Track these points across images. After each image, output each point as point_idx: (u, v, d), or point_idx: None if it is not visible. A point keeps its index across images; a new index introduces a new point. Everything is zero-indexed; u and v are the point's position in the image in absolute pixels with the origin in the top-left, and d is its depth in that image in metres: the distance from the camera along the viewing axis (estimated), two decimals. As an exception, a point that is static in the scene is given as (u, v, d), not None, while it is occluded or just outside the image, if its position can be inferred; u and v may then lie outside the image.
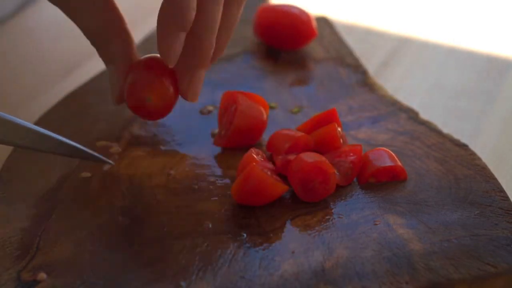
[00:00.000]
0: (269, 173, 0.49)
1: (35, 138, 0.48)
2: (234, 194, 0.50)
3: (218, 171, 0.54)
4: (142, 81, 0.49)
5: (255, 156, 0.50)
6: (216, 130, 0.57)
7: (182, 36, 0.48)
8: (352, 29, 0.82)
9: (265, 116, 0.56)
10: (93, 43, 0.51)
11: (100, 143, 0.56)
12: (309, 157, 0.50)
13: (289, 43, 0.68)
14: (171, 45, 0.48)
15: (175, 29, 0.48)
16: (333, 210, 0.50)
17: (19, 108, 0.67)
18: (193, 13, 0.47)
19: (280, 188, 0.49)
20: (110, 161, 0.51)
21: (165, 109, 0.49)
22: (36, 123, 0.58)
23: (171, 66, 0.49)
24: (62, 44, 0.79)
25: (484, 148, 0.62)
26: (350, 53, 0.69)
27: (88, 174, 0.53)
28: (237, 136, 0.55)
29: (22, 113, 0.67)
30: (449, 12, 0.88)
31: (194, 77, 0.50)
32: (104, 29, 0.50)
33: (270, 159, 0.53)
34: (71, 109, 0.61)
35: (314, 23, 0.67)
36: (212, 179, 0.53)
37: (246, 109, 0.55)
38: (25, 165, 0.54)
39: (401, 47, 0.79)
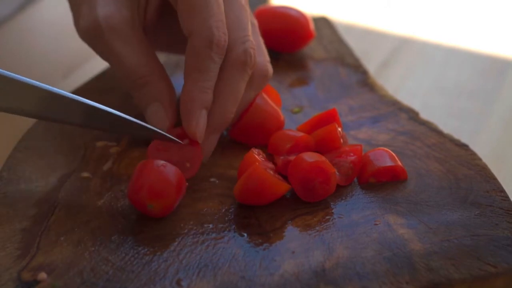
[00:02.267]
0: (271, 172, 0.49)
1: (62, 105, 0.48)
2: (236, 194, 0.50)
3: (218, 171, 0.54)
4: (145, 188, 0.48)
5: (256, 156, 0.50)
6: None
7: (206, 113, 0.51)
8: (352, 29, 0.82)
9: (281, 115, 0.56)
10: (133, 85, 0.52)
11: (100, 143, 0.56)
12: (310, 157, 0.50)
13: (286, 46, 0.68)
14: (196, 123, 0.50)
15: (199, 107, 0.50)
16: (333, 210, 0.50)
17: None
18: (212, 94, 0.50)
19: (282, 187, 0.49)
20: (178, 141, 0.52)
21: (167, 211, 0.49)
22: (36, 123, 0.59)
23: (200, 141, 0.51)
24: (62, 44, 0.79)
25: (484, 148, 0.62)
26: (350, 53, 0.69)
27: (88, 174, 0.53)
28: (251, 130, 0.55)
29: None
30: (449, 12, 0.88)
31: (209, 140, 0.52)
32: (148, 70, 0.51)
33: (270, 159, 0.53)
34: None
35: (312, 25, 0.67)
36: (212, 179, 0.53)
37: (263, 105, 0.55)
38: (25, 165, 0.54)
39: (401, 47, 0.80)
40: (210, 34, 0.49)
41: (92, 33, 0.50)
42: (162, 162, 0.49)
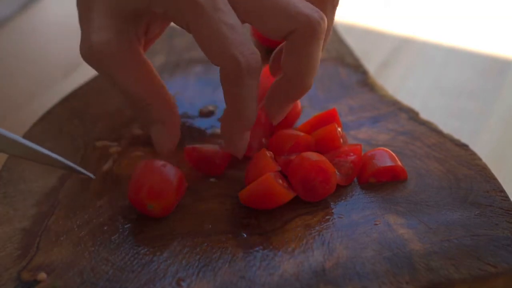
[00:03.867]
0: (280, 181, 0.49)
1: (18, 148, 0.48)
2: (242, 197, 0.50)
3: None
4: (145, 188, 0.48)
5: (271, 161, 0.50)
6: (216, 130, 0.57)
7: (248, 134, 0.51)
8: (352, 29, 0.82)
9: (298, 104, 0.57)
10: (135, 108, 0.51)
11: (100, 143, 0.56)
12: (310, 157, 0.50)
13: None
14: (238, 144, 0.51)
15: (241, 130, 0.50)
16: (333, 210, 0.50)
17: (19, 108, 0.67)
18: (255, 115, 0.49)
19: (288, 196, 0.49)
20: (91, 175, 0.50)
21: (168, 210, 0.49)
22: (36, 123, 0.59)
23: (240, 158, 0.52)
24: (62, 44, 0.79)
25: (484, 148, 0.62)
26: (350, 53, 0.69)
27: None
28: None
29: (23, 113, 0.67)
30: (449, 12, 0.88)
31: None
32: (147, 94, 0.50)
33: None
34: (71, 109, 0.61)
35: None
36: (212, 179, 0.53)
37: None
38: (25, 165, 0.54)
39: (401, 47, 0.79)
40: (234, 62, 0.46)
41: (89, 59, 0.49)
42: (162, 162, 0.49)
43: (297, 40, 0.49)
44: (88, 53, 0.49)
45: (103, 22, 0.49)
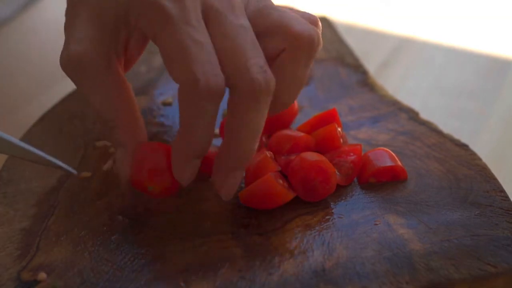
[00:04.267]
0: (281, 181, 0.49)
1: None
2: (242, 196, 0.50)
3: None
4: (145, 170, 0.48)
5: (271, 161, 0.50)
6: (216, 130, 0.57)
7: (197, 162, 0.47)
8: (352, 29, 0.82)
9: (295, 104, 0.56)
10: (103, 125, 0.49)
11: (100, 143, 0.56)
12: (310, 157, 0.50)
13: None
14: (184, 171, 0.47)
15: (189, 156, 0.46)
16: (333, 210, 0.49)
17: (19, 108, 0.67)
18: (208, 143, 0.46)
19: (288, 196, 0.49)
20: (72, 170, 0.49)
21: (169, 191, 0.49)
22: (36, 123, 0.59)
23: (185, 185, 0.48)
24: (62, 44, 0.79)
25: (484, 148, 0.62)
26: (350, 53, 0.69)
27: (88, 174, 0.53)
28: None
29: (22, 113, 0.67)
30: (449, 12, 0.88)
31: (230, 179, 0.47)
32: (115, 115, 0.48)
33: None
34: (71, 109, 0.61)
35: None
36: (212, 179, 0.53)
37: None
38: (25, 165, 0.54)
39: (401, 47, 0.80)
40: (194, 81, 0.43)
41: (65, 68, 0.47)
42: (159, 143, 0.49)
43: (235, 102, 0.46)
44: (66, 61, 0.47)
45: (83, 33, 0.47)
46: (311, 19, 0.49)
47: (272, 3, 0.49)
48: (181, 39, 0.44)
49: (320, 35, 0.48)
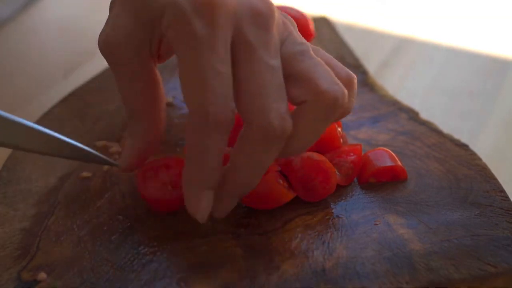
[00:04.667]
0: (281, 181, 0.49)
1: (37, 139, 0.47)
2: (243, 198, 0.49)
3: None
4: (151, 190, 0.49)
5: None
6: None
7: (210, 193, 0.45)
8: (352, 29, 0.82)
9: None
10: (128, 112, 0.49)
11: (100, 143, 0.56)
12: (310, 157, 0.50)
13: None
14: (198, 204, 0.45)
15: (201, 188, 0.45)
16: (333, 210, 0.49)
17: (19, 108, 0.67)
18: (217, 174, 0.45)
19: (288, 196, 0.49)
20: (116, 163, 0.49)
21: (176, 207, 0.50)
22: (36, 123, 0.58)
23: (202, 222, 0.46)
24: (62, 44, 0.79)
25: (484, 148, 0.62)
26: (350, 53, 0.69)
27: (88, 174, 0.53)
28: None
29: (22, 113, 0.67)
30: (449, 12, 0.88)
31: (223, 203, 0.47)
32: (136, 106, 0.48)
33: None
34: (71, 109, 0.61)
35: (312, 25, 0.67)
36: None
37: None
38: (25, 165, 0.54)
39: (401, 47, 0.79)
40: (203, 111, 0.43)
41: (101, 49, 0.48)
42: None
43: (244, 139, 0.45)
44: (101, 43, 0.47)
45: (121, 21, 0.47)
46: (346, 77, 0.48)
47: (308, 50, 0.47)
48: (203, 66, 0.43)
49: (346, 96, 0.46)
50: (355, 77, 0.48)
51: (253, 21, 0.44)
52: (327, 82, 0.45)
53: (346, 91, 0.45)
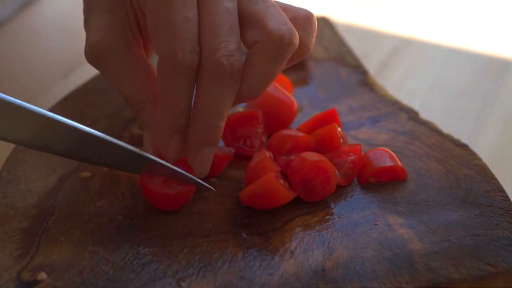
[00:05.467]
0: (281, 181, 0.49)
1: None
2: (243, 196, 0.50)
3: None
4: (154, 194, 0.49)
5: (271, 162, 0.50)
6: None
7: (177, 137, 0.49)
8: (352, 29, 0.82)
9: (294, 102, 0.57)
10: (131, 109, 0.51)
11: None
12: (310, 157, 0.50)
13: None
14: (167, 146, 0.49)
15: (169, 130, 0.49)
16: (333, 210, 0.50)
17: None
18: (186, 118, 0.48)
19: (289, 196, 0.49)
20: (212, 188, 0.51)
21: (177, 204, 0.50)
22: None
23: (172, 163, 0.49)
24: (62, 44, 0.79)
25: (484, 148, 0.62)
26: (350, 53, 0.69)
27: (88, 174, 0.53)
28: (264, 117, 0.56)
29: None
30: (449, 12, 0.88)
31: (199, 154, 0.50)
32: (141, 96, 0.50)
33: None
34: (71, 109, 0.61)
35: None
36: (212, 179, 0.53)
37: (275, 92, 0.56)
38: (25, 165, 0.54)
39: (401, 47, 0.79)
40: (173, 56, 0.46)
41: (89, 59, 0.50)
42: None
43: (202, 79, 0.48)
44: (87, 53, 0.50)
45: (98, 23, 0.49)
46: (304, 15, 0.50)
47: None
48: (171, 13, 0.46)
49: (295, 34, 0.48)
50: (313, 14, 0.51)
51: None
52: (276, 22, 0.47)
53: (294, 30, 0.47)
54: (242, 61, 0.47)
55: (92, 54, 0.49)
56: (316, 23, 0.51)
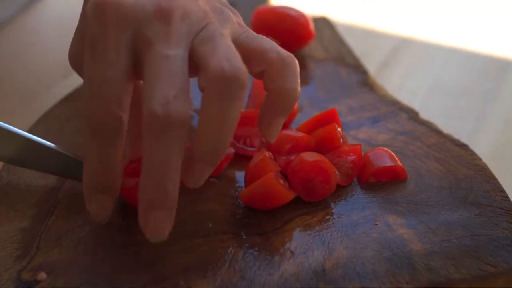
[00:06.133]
0: (281, 181, 0.49)
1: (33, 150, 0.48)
2: (243, 196, 0.50)
3: (218, 171, 0.54)
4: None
5: (271, 162, 0.50)
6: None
7: (101, 196, 0.45)
8: (352, 29, 0.82)
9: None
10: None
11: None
12: (310, 157, 0.50)
13: (286, 46, 0.67)
14: (89, 204, 0.46)
15: (89, 190, 0.45)
16: (333, 210, 0.49)
17: (19, 108, 0.67)
18: (104, 179, 0.44)
19: (289, 196, 0.49)
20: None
21: None
22: (36, 123, 0.59)
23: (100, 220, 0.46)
24: (62, 44, 0.79)
25: (484, 148, 0.62)
26: (350, 53, 0.69)
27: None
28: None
29: (22, 113, 0.67)
30: (449, 12, 0.88)
31: (151, 217, 0.43)
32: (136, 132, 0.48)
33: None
34: (71, 109, 0.61)
35: (312, 25, 0.67)
36: (212, 178, 0.53)
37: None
38: (25, 165, 0.54)
39: (401, 47, 0.79)
40: (90, 118, 0.43)
41: (71, 66, 0.50)
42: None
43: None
44: (69, 59, 0.50)
45: (76, 37, 0.49)
46: (277, 57, 0.46)
47: (219, 34, 0.45)
48: (90, 72, 0.43)
49: (240, 71, 0.43)
50: (290, 55, 0.47)
51: (156, 17, 0.44)
52: (218, 59, 0.43)
53: (239, 65, 0.43)
54: (186, 109, 0.42)
55: (71, 64, 0.49)
56: (296, 64, 0.47)
